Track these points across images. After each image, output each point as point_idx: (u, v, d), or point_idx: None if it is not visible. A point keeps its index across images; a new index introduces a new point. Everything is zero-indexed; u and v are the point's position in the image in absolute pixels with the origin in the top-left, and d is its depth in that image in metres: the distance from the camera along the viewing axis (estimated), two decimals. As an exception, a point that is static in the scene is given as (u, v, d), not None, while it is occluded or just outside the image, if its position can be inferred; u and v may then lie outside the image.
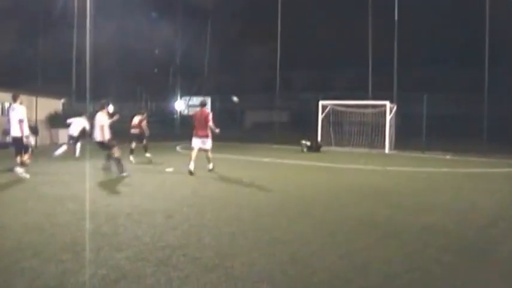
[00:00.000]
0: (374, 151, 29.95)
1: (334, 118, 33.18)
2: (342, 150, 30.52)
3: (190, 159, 15.67)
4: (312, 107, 34.40)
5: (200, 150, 15.99)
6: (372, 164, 20.96)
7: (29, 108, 27.87)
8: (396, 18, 37.17)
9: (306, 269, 6.27)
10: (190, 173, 15.24)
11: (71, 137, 21.07)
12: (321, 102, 33.26)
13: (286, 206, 10.61)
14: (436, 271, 6.35)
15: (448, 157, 26.59)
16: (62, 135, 28.69)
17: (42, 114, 28.65)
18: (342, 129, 33.21)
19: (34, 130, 27.94)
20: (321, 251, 7.13)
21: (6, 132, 15.55)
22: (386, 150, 30.30)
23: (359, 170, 18.74)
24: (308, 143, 29.31)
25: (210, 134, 16.17)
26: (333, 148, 31.60)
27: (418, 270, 6.35)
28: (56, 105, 30.56)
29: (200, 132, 16.00)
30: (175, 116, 42.15)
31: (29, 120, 15.21)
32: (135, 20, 40.01)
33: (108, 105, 15.88)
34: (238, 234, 7.96)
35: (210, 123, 16.03)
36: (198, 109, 16.60)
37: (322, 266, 6.41)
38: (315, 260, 6.68)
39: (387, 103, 31.22)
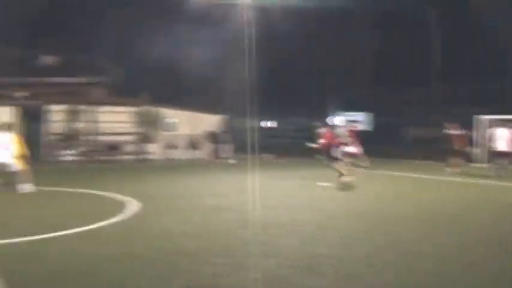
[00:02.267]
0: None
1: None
2: None
3: (343, 172, 15.69)
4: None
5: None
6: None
7: (193, 124, 29.60)
8: None
9: (447, 285, 6.14)
10: (345, 184, 15.25)
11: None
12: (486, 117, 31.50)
13: (437, 221, 10.32)
14: None
15: None
16: (223, 149, 29.97)
17: (205, 130, 30.14)
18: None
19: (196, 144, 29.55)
20: (463, 268, 6.90)
21: None
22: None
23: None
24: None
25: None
26: None
27: None
28: (218, 120, 31.99)
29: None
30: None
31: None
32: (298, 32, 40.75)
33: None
34: (386, 246, 7.93)
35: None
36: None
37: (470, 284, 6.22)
38: (458, 277, 6.49)
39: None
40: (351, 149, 19.83)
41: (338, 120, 35.30)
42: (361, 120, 45.07)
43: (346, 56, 43.26)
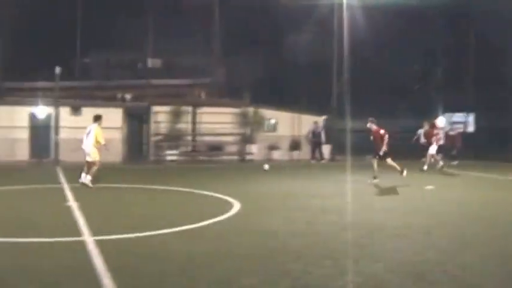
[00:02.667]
0: None
1: None
2: None
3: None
4: None
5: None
6: None
7: (292, 125, 29.63)
8: None
9: None
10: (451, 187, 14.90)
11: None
12: None
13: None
14: None
15: None
16: (323, 150, 29.77)
17: (304, 131, 30.03)
18: None
19: (296, 145, 29.50)
20: None
21: None
22: None
23: None
24: None
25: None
26: None
27: None
28: (318, 121, 31.74)
29: None
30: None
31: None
32: (397, 31, 39.87)
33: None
34: (503, 254, 7.54)
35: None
36: None
37: None
38: None
39: None
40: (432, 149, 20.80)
41: (441, 120, 34.33)
42: (465, 121, 43.53)
43: (448, 55, 41.84)
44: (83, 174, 15.30)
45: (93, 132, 15.47)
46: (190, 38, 38.46)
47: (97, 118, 15.92)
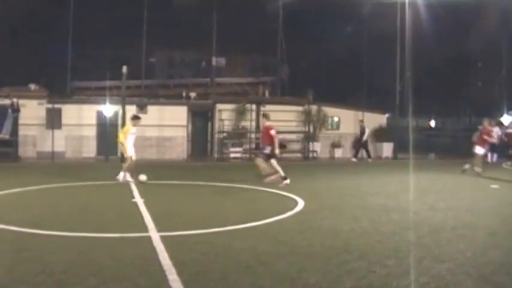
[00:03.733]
0: None
1: None
2: None
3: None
4: None
5: None
6: None
7: (355, 123, 29.39)
8: None
9: None
10: None
11: None
12: None
13: None
14: None
15: None
16: (386, 148, 29.44)
17: (367, 129, 29.75)
18: None
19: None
20: None
21: None
22: None
23: None
24: None
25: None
26: None
27: None
28: (380, 119, 31.43)
29: None
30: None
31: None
32: (457, 28, 39.04)
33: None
34: None
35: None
36: None
37: None
38: None
39: None
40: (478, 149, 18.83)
41: (506, 119, 33.36)
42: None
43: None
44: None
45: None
46: (254, 37, 38.75)
47: (133, 118, 16.65)
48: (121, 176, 15.71)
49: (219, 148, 27.53)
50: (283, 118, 26.89)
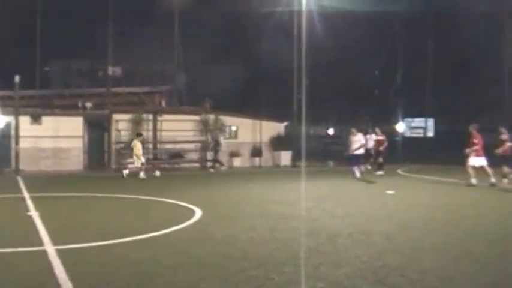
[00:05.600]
0: None
1: None
2: None
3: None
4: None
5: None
6: None
7: (254, 132, 29.73)
8: None
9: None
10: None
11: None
12: None
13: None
14: None
15: None
16: (285, 157, 29.94)
17: (265, 137, 30.18)
18: None
19: (257, 152, 29.61)
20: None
21: None
22: None
23: None
24: None
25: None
26: None
27: None
28: (278, 128, 31.93)
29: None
30: (397, 138, 41.54)
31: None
32: (353, 39, 40.41)
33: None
34: (462, 258, 7.68)
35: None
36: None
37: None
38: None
39: None
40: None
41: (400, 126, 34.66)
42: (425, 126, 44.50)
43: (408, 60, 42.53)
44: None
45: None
46: (150, 46, 38.31)
47: (137, 135, 22.69)
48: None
49: (116, 159, 26.97)
50: (180, 128, 26.79)
